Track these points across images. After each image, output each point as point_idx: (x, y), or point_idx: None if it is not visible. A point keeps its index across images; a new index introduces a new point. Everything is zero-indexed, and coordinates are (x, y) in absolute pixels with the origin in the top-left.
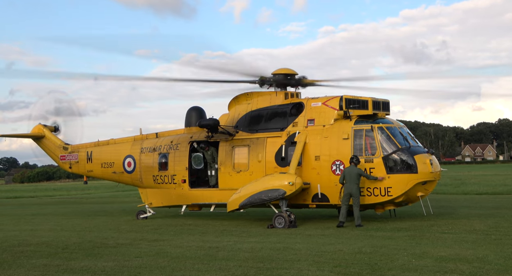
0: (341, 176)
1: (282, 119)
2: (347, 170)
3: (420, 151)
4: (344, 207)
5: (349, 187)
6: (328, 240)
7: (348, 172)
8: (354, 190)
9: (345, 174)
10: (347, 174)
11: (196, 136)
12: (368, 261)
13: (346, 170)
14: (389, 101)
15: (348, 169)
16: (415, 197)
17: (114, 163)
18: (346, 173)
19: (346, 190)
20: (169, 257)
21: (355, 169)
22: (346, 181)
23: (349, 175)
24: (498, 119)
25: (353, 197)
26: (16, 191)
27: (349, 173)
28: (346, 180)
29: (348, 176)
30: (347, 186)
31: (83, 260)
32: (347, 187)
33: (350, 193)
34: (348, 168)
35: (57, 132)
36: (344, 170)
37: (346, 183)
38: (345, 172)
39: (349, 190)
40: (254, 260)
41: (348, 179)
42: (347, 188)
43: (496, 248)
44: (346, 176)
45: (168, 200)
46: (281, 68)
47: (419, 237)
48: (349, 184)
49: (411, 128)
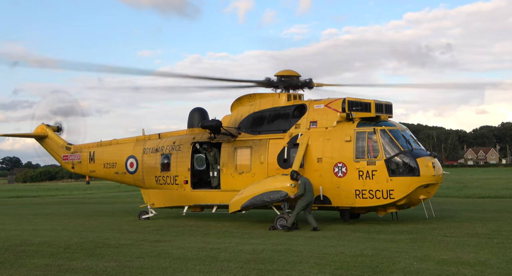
0: (302, 186)
1: (284, 120)
2: (305, 180)
3: (422, 154)
4: (296, 214)
5: (310, 195)
6: (329, 242)
7: (307, 182)
8: (313, 198)
9: (305, 184)
10: (307, 184)
11: (199, 137)
12: (370, 263)
13: (304, 180)
14: (392, 104)
15: (305, 179)
16: (417, 200)
17: (116, 164)
18: (306, 183)
19: (308, 199)
20: (170, 258)
21: (308, 179)
22: (307, 191)
23: (308, 185)
24: (501, 122)
25: (310, 204)
26: (19, 190)
27: (308, 183)
28: (306, 189)
29: (308, 186)
30: (309, 195)
31: (84, 260)
32: (309, 195)
33: (310, 201)
34: (304, 179)
35: (60, 132)
36: (304, 181)
37: (307, 193)
38: (305, 182)
39: (310, 198)
40: (256, 261)
41: (308, 189)
42: (309, 197)
43: (498, 251)
44: (307, 186)
45: (170, 201)
46: (284, 70)
47: (421, 240)
48: (310, 193)
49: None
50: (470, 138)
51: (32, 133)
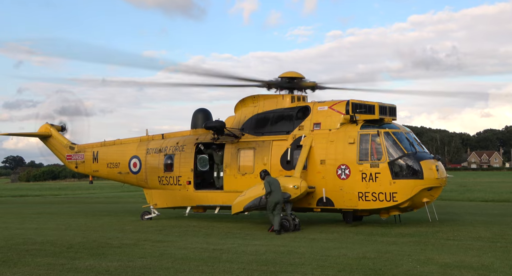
0: (267, 187)
1: (288, 122)
2: (271, 180)
3: (426, 156)
4: (278, 215)
5: (277, 196)
6: (332, 244)
7: (273, 182)
8: (280, 198)
9: (271, 184)
10: (272, 184)
11: (202, 138)
12: (372, 266)
13: (270, 180)
14: (396, 106)
15: (271, 179)
16: (421, 203)
17: (120, 164)
18: (272, 183)
19: (275, 199)
20: (173, 258)
21: (276, 179)
22: (272, 191)
23: (274, 185)
24: (505, 126)
25: (279, 205)
26: (22, 189)
27: (274, 183)
28: (272, 189)
29: (274, 186)
30: (274, 195)
31: (87, 259)
32: (275, 196)
33: (277, 202)
34: (271, 178)
35: (64, 131)
36: (269, 181)
37: (273, 193)
38: (271, 182)
39: (277, 199)
40: (258, 263)
41: (274, 189)
42: (275, 198)
43: (502, 255)
44: (272, 186)
45: (173, 201)
46: (288, 71)
47: (424, 243)
48: (276, 193)
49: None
50: (474, 141)
51: (36, 133)
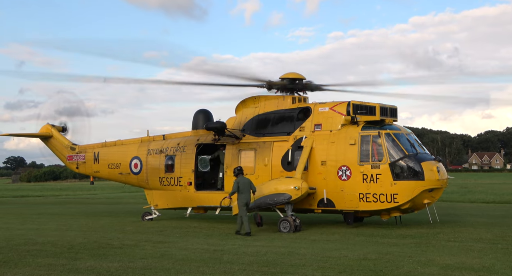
0: (235, 186)
1: (289, 123)
2: (240, 181)
3: (427, 158)
4: (246, 216)
5: (245, 197)
6: (333, 245)
7: (242, 182)
8: (250, 199)
9: (239, 185)
10: (241, 184)
11: (203, 139)
12: (373, 267)
13: (239, 180)
14: (397, 108)
15: (240, 179)
16: (422, 204)
17: (120, 164)
18: (240, 184)
19: (244, 200)
20: (173, 259)
21: (246, 179)
22: (240, 191)
23: (243, 185)
24: (506, 127)
25: (247, 205)
26: (23, 190)
27: (243, 184)
28: (240, 190)
29: (243, 186)
30: (243, 196)
31: (88, 260)
32: (243, 197)
33: (246, 202)
34: (240, 178)
35: (65, 132)
36: (238, 181)
37: (241, 193)
38: (240, 182)
39: (246, 199)
40: (259, 264)
41: (242, 189)
42: (244, 198)
43: (503, 257)
44: (240, 186)
45: (174, 202)
46: (289, 72)
47: (425, 245)
48: (244, 194)
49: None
50: (475, 142)
51: (37, 133)
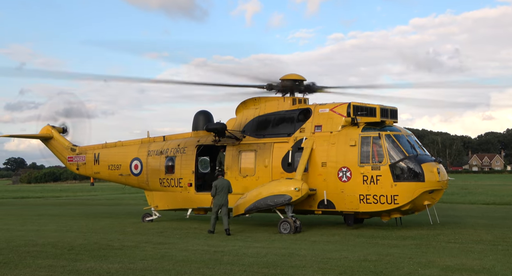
0: (213, 189)
1: (289, 124)
2: (218, 183)
3: (427, 159)
4: (214, 218)
5: (221, 198)
6: (333, 247)
7: (220, 184)
8: (226, 201)
9: (217, 187)
10: (219, 186)
11: (203, 140)
12: (374, 269)
13: (218, 183)
14: (397, 109)
15: (219, 181)
16: (422, 205)
17: (121, 166)
18: (218, 186)
19: (218, 202)
20: (174, 260)
21: (225, 181)
22: (218, 193)
23: (221, 187)
24: (507, 129)
25: (224, 207)
26: (23, 191)
27: (221, 186)
28: (218, 192)
29: (220, 188)
30: (218, 198)
31: (88, 261)
32: (218, 198)
33: (222, 204)
34: (218, 180)
35: (66, 133)
36: (216, 184)
37: (218, 195)
38: (217, 184)
39: (221, 201)
40: (259, 265)
41: (219, 191)
42: (219, 200)
43: (503, 258)
44: (218, 188)
45: (174, 203)
46: (290, 73)
47: (425, 246)
48: (220, 196)
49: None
50: (475, 144)
51: (38, 134)
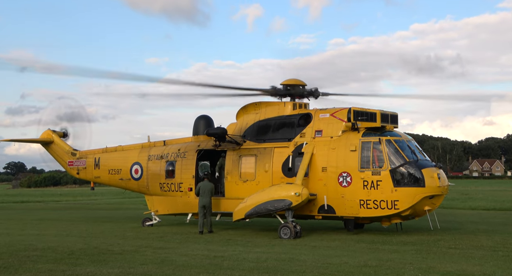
0: (196, 189)
1: (289, 129)
2: (202, 185)
3: (428, 164)
4: (202, 218)
5: (204, 200)
6: (333, 252)
7: (203, 186)
8: (208, 202)
9: (200, 188)
10: (202, 188)
11: (204, 144)
12: (374, 274)
13: (201, 184)
14: (398, 114)
15: (203, 183)
16: (422, 211)
17: (121, 170)
18: (201, 188)
19: (201, 203)
20: (174, 265)
21: (209, 184)
22: (201, 195)
23: (203, 189)
24: (507, 134)
25: (207, 208)
26: (23, 195)
27: (204, 188)
28: (201, 193)
29: (203, 191)
30: (201, 199)
31: (88, 266)
32: (201, 199)
33: (205, 205)
34: (203, 183)
35: (66, 137)
36: (200, 186)
37: (201, 197)
38: (201, 186)
39: (204, 203)
40: (259, 270)
41: (202, 193)
42: (201, 201)
43: (504, 264)
44: (201, 190)
45: (174, 208)
46: (290, 78)
47: (426, 252)
48: (203, 197)
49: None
50: (475, 149)
51: (38, 139)
